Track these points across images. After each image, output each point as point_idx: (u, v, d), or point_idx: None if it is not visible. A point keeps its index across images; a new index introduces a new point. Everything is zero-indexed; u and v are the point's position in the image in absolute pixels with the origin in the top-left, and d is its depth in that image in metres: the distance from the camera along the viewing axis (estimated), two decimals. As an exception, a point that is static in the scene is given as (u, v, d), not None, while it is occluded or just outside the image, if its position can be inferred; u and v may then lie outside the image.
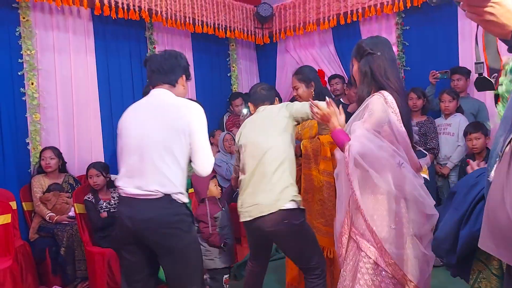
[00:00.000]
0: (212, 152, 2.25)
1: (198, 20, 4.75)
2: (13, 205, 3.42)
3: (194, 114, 2.19)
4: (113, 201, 3.51)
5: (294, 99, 2.86)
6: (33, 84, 3.73)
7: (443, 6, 4.26)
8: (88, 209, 3.40)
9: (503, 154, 0.97)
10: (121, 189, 2.17)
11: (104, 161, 4.09)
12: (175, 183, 2.10)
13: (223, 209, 3.07)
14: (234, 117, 5.27)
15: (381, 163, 1.85)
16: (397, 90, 1.96)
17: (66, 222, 3.49)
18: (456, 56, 4.39)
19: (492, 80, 1.21)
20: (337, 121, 2.03)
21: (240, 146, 2.61)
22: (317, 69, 2.91)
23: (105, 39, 4.30)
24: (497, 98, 1.30)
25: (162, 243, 2.11)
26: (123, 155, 2.21)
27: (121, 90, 4.43)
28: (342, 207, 2.05)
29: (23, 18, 3.70)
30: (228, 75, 5.77)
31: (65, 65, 4.00)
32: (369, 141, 1.86)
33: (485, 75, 1.23)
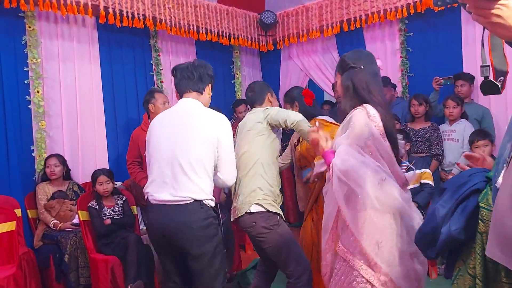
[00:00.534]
0: None
1: (202, 27, 4.79)
2: (18, 212, 3.43)
3: (223, 126, 2.29)
4: (117, 208, 3.51)
5: None
6: (38, 92, 3.77)
7: (447, 12, 4.28)
8: (92, 215, 3.42)
9: (511, 160, 0.95)
10: (151, 196, 2.26)
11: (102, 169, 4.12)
12: (205, 190, 2.20)
13: (225, 215, 3.10)
14: (238, 124, 5.28)
15: (364, 178, 1.82)
16: (381, 103, 1.93)
17: (70, 229, 3.50)
18: (460, 61, 4.38)
19: (498, 83, 1.19)
20: (325, 143, 2.02)
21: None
22: (304, 89, 3.10)
23: (110, 47, 4.34)
24: None
25: (192, 247, 2.18)
26: (154, 163, 2.29)
27: (126, 98, 4.45)
28: (328, 224, 2.00)
29: (29, 27, 3.74)
30: (232, 82, 5.79)
31: (70, 73, 4.04)
32: (352, 156, 1.85)
33: (491, 78, 1.21)
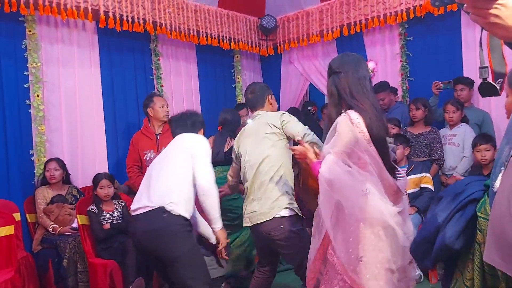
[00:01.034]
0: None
1: (202, 32, 4.79)
2: (17, 216, 3.43)
3: (197, 140, 2.60)
4: (116, 213, 3.51)
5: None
6: (38, 96, 3.77)
7: (447, 16, 4.28)
8: (91, 220, 3.41)
9: (509, 162, 0.94)
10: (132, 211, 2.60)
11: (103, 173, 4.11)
12: (169, 194, 2.42)
13: None
14: (239, 128, 5.27)
15: (348, 190, 1.81)
16: (365, 108, 1.89)
17: (69, 233, 3.50)
18: (460, 66, 4.38)
19: (497, 85, 1.17)
20: (312, 155, 2.02)
21: (239, 153, 2.71)
22: None
23: (110, 52, 4.34)
24: None
25: (162, 253, 2.42)
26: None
27: (126, 102, 4.46)
28: (321, 231, 1.97)
29: (29, 31, 3.76)
30: (233, 86, 5.79)
31: (70, 77, 4.05)
32: (337, 166, 1.84)
33: (490, 80, 1.20)
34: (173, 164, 2.52)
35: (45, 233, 3.53)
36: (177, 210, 2.40)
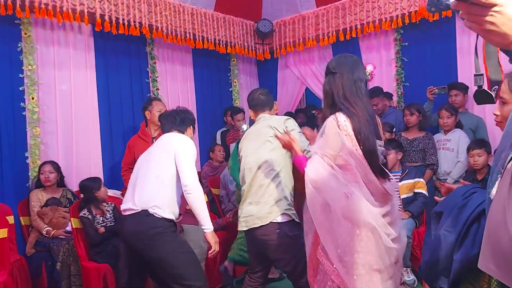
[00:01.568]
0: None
1: (198, 35, 4.80)
2: (11, 219, 3.41)
3: (179, 140, 2.62)
4: (108, 215, 3.49)
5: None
6: (33, 98, 3.77)
7: (442, 22, 4.31)
8: (84, 225, 3.36)
9: (505, 170, 0.93)
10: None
11: (103, 176, 4.11)
12: (153, 197, 2.48)
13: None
14: (235, 132, 5.27)
15: (331, 191, 1.84)
16: (357, 111, 1.89)
17: (62, 236, 3.48)
18: (455, 71, 4.40)
19: (492, 93, 1.17)
20: (297, 147, 2.11)
21: (241, 156, 2.69)
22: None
23: (106, 55, 4.34)
24: None
25: (148, 254, 2.50)
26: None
27: (121, 105, 4.45)
28: (310, 228, 2.01)
29: (25, 34, 3.75)
30: (229, 90, 5.79)
31: (65, 80, 4.04)
32: (322, 167, 1.87)
33: (485, 87, 1.19)
34: (157, 167, 2.56)
35: (38, 236, 3.52)
36: (160, 213, 2.47)
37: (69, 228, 3.49)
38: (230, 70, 5.78)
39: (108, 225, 3.41)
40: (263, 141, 2.55)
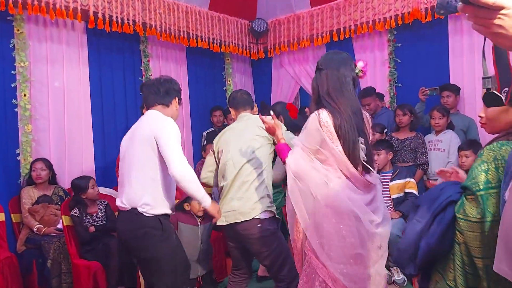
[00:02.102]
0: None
1: (192, 34, 4.79)
2: (1, 216, 3.41)
3: (156, 125, 2.36)
4: (100, 214, 3.48)
5: None
6: (25, 95, 3.75)
7: (434, 23, 4.34)
8: (75, 224, 3.36)
9: None
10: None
11: (95, 174, 4.10)
12: (141, 195, 2.32)
13: (199, 224, 3.21)
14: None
15: (311, 180, 1.89)
16: (339, 108, 1.92)
17: (53, 234, 3.47)
18: (446, 72, 4.43)
19: (502, 95, 1.18)
20: (281, 133, 2.17)
21: (218, 150, 2.70)
22: (287, 103, 3.36)
23: (99, 52, 4.33)
24: None
25: (137, 253, 2.43)
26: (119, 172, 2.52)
27: (114, 103, 4.44)
28: (293, 216, 2.04)
29: (17, 30, 3.73)
30: (223, 89, 5.79)
31: (58, 77, 4.02)
32: (303, 159, 1.93)
33: (492, 89, 1.20)
34: (140, 160, 2.35)
35: (29, 234, 3.51)
36: (151, 210, 2.33)
37: (60, 225, 3.49)
38: (224, 69, 5.78)
39: (99, 224, 3.41)
40: (250, 138, 2.57)
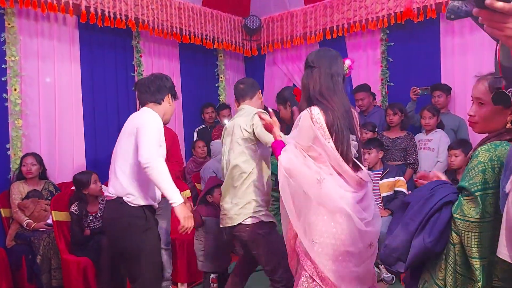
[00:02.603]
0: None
1: (185, 30, 4.78)
2: (-9, 211, 3.39)
3: (142, 118, 2.40)
4: (100, 214, 3.35)
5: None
6: (16, 90, 3.72)
7: (426, 23, 4.36)
8: (72, 221, 3.27)
9: None
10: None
11: (86, 169, 4.07)
12: (125, 185, 2.34)
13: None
14: (220, 128, 5.27)
15: (303, 178, 1.90)
16: (332, 106, 1.93)
17: (43, 229, 3.46)
18: (438, 72, 4.47)
19: (509, 94, 1.20)
20: (278, 131, 2.18)
21: (222, 150, 2.76)
22: (295, 88, 3.21)
23: (91, 47, 4.30)
24: None
25: (118, 243, 2.41)
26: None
27: (105, 98, 4.42)
28: (285, 216, 2.06)
29: (8, 24, 3.70)
30: (216, 85, 5.78)
31: (49, 72, 4.00)
32: (295, 156, 1.93)
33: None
34: (124, 152, 2.39)
35: (19, 229, 3.49)
36: (135, 201, 2.34)
37: (50, 221, 3.47)
38: (217, 65, 5.76)
39: (96, 226, 3.32)
40: (234, 142, 2.57)
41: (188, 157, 5.07)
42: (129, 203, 2.34)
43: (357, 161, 1.98)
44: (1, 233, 3.55)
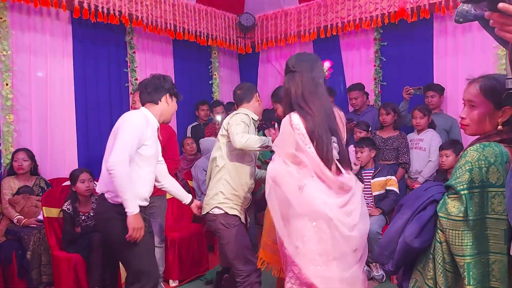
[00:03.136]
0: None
1: (179, 26, 4.76)
2: (-19, 206, 3.36)
3: (122, 119, 2.41)
4: (92, 213, 3.29)
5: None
6: (7, 84, 3.69)
7: (420, 24, 4.38)
8: (64, 220, 3.24)
9: None
10: None
11: (78, 165, 4.06)
12: (108, 183, 2.35)
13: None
14: (213, 125, 5.27)
15: (286, 185, 1.91)
16: (312, 111, 1.93)
17: (34, 225, 3.44)
18: (431, 72, 4.50)
19: None
20: None
21: None
22: None
23: (84, 42, 4.28)
24: None
25: (107, 238, 2.47)
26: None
27: (98, 94, 4.40)
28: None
29: (0, 18, 3.66)
30: (209, 82, 5.77)
31: (41, 67, 3.97)
32: (279, 164, 1.95)
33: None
34: (108, 150, 2.39)
35: (9, 225, 3.47)
36: (115, 198, 2.33)
37: (40, 217, 3.45)
38: (211, 62, 5.76)
39: (88, 224, 3.28)
40: (218, 137, 2.73)
41: (181, 154, 5.05)
42: (109, 200, 2.37)
43: (339, 165, 1.97)
44: (-9, 229, 3.52)
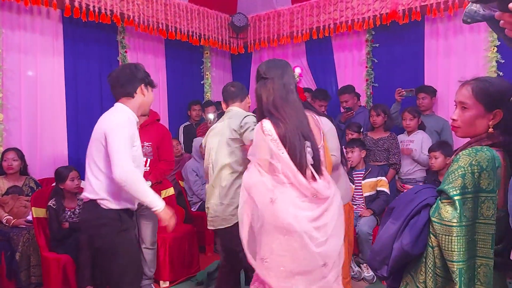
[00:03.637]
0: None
1: (171, 26, 4.74)
2: (-31, 207, 3.32)
3: (109, 121, 2.26)
4: (78, 210, 3.32)
5: None
6: (-4, 83, 3.66)
7: (411, 26, 4.41)
8: (50, 216, 3.24)
9: None
10: None
11: (68, 165, 4.02)
12: (97, 190, 2.27)
13: None
14: (205, 125, 5.25)
15: (260, 196, 1.88)
16: (283, 117, 1.91)
17: (23, 226, 3.41)
18: (422, 74, 4.52)
19: None
20: None
21: (206, 150, 2.72)
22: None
23: (75, 42, 4.24)
24: None
25: (91, 243, 2.45)
26: None
27: (89, 94, 4.37)
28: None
29: (-11, 16, 3.63)
30: (201, 82, 5.76)
31: (31, 65, 3.94)
32: (254, 173, 1.93)
33: None
34: (95, 157, 2.28)
35: (-2, 225, 3.44)
36: (107, 204, 2.27)
37: (30, 217, 3.42)
38: (203, 62, 5.74)
39: (75, 220, 3.28)
40: (224, 142, 2.57)
41: (172, 154, 5.04)
42: (102, 205, 2.28)
43: (313, 170, 1.93)
44: (-21, 229, 3.48)
